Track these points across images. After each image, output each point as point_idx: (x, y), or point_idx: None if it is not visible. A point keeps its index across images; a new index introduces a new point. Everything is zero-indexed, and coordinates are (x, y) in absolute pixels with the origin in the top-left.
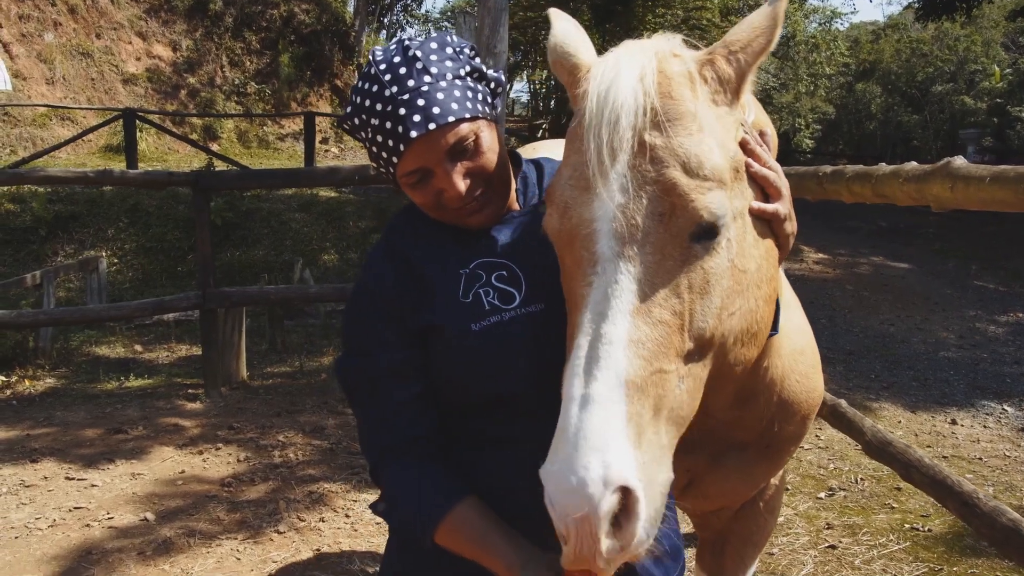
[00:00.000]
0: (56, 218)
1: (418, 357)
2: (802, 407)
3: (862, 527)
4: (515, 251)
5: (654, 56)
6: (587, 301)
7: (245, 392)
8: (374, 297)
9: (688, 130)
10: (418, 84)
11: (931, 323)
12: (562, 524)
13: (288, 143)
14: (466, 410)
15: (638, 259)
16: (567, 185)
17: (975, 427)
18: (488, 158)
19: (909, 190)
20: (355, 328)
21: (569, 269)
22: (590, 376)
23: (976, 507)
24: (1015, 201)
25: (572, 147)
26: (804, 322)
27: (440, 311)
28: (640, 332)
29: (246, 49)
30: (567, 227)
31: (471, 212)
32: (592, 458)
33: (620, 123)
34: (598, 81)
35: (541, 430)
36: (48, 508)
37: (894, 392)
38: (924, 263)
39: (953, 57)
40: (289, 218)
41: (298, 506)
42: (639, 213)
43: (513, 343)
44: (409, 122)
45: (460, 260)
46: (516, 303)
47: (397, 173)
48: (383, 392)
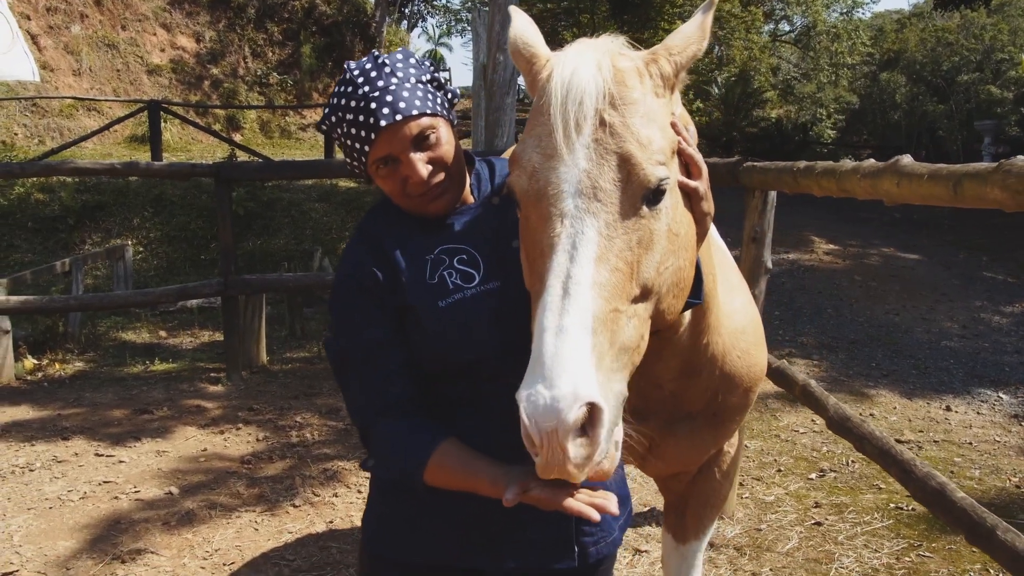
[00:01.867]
0: (84, 207)
1: (399, 330)
2: (744, 380)
3: (848, 506)
4: (472, 237)
5: (607, 52)
6: (556, 248)
7: (265, 376)
8: (357, 280)
9: (639, 113)
10: (387, 84)
11: (936, 313)
12: (536, 435)
13: (310, 133)
14: (439, 376)
15: (600, 216)
16: (534, 152)
17: (969, 414)
18: (446, 150)
19: (865, 185)
20: (342, 309)
21: (534, 223)
22: (563, 311)
23: (912, 473)
24: (947, 196)
25: (537, 121)
26: (749, 304)
27: (411, 292)
28: (601, 276)
29: (268, 40)
30: (535, 187)
31: (432, 198)
32: (564, 378)
33: (584, 103)
34: (561, 68)
35: (504, 391)
36: (79, 482)
37: (893, 380)
38: (935, 254)
39: (979, 46)
40: (309, 208)
41: (313, 482)
42: (601, 177)
43: (476, 316)
44: (379, 113)
45: (425, 247)
46: (476, 282)
47: (368, 161)
48: (372, 363)
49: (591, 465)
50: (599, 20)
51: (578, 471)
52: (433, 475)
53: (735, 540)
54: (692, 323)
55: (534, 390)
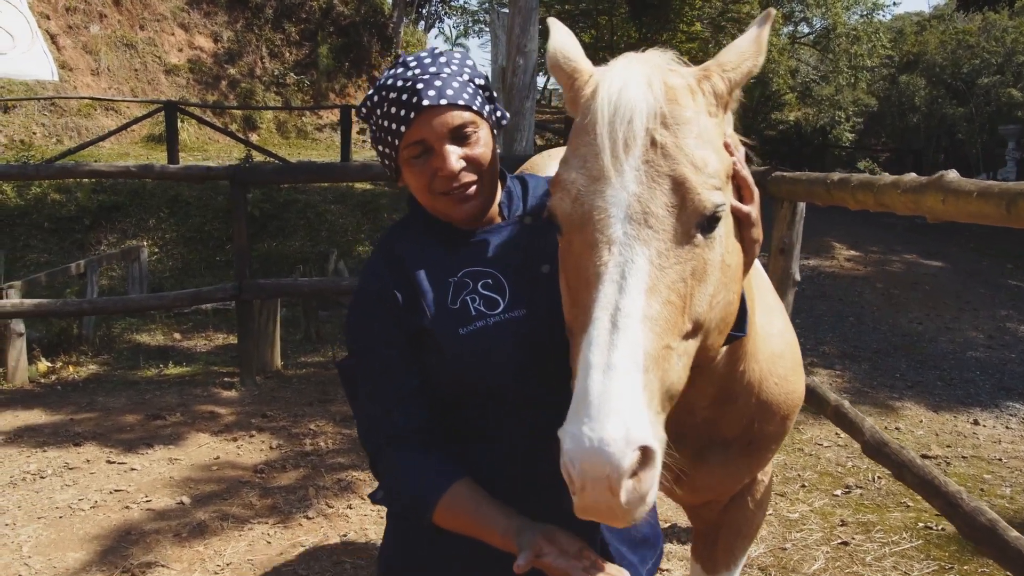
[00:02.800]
0: (100, 208)
1: (414, 353)
2: (781, 408)
3: (876, 524)
4: (499, 260)
5: (656, 67)
6: (603, 278)
7: (279, 381)
8: (376, 297)
9: (693, 133)
10: (439, 71)
11: (961, 322)
12: (578, 477)
13: (326, 133)
14: (454, 406)
15: (652, 244)
16: (578, 174)
17: (997, 428)
18: (483, 152)
19: (906, 201)
20: (358, 327)
21: (578, 250)
22: (612, 346)
23: (959, 507)
24: (997, 215)
25: (581, 140)
26: (786, 326)
27: (430, 316)
28: (653, 309)
29: (285, 40)
30: (579, 212)
31: (459, 199)
32: (614, 419)
33: (633, 121)
34: (608, 84)
35: (521, 424)
36: (90, 490)
37: (918, 391)
38: (958, 261)
39: (1000, 49)
40: (325, 210)
41: (327, 493)
42: (653, 202)
43: (497, 345)
44: (424, 94)
45: (449, 268)
46: (500, 309)
47: (402, 145)
48: (385, 385)
49: (638, 511)
50: (617, 22)
51: (627, 515)
52: (442, 517)
53: (759, 560)
54: (729, 349)
55: (579, 430)
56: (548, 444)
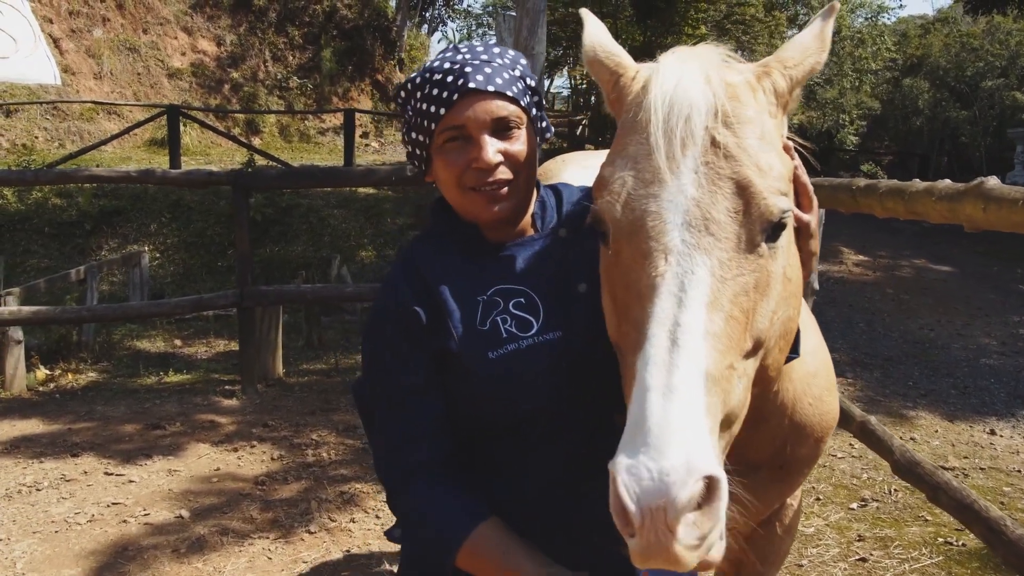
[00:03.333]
0: (101, 213)
1: (437, 377)
2: (815, 430)
3: (894, 540)
4: (533, 277)
5: (714, 62)
6: (659, 290)
7: (281, 389)
8: (396, 316)
9: (755, 134)
10: (490, 59)
11: (972, 328)
12: (637, 514)
13: (329, 137)
14: (479, 436)
15: (713, 253)
16: (628, 175)
17: (1015, 438)
18: (523, 151)
19: (942, 209)
20: (377, 348)
21: (628, 260)
22: (672, 366)
23: (1003, 534)
24: None
25: (629, 140)
26: (820, 343)
27: (457, 338)
28: (715, 325)
29: (289, 44)
30: (630, 218)
31: (492, 197)
32: (676, 447)
33: (692, 119)
34: (662, 79)
35: (553, 458)
36: (87, 503)
37: (932, 400)
38: (967, 266)
39: (1004, 52)
40: (328, 214)
41: (329, 506)
42: (714, 207)
43: (530, 371)
44: (472, 77)
45: (478, 285)
46: (534, 331)
47: (439, 128)
48: (406, 411)
49: (704, 549)
50: (622, 25)
51: (688, 555)
52: (466, 560)
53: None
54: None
55: (636, 460)
56: (583, 480)
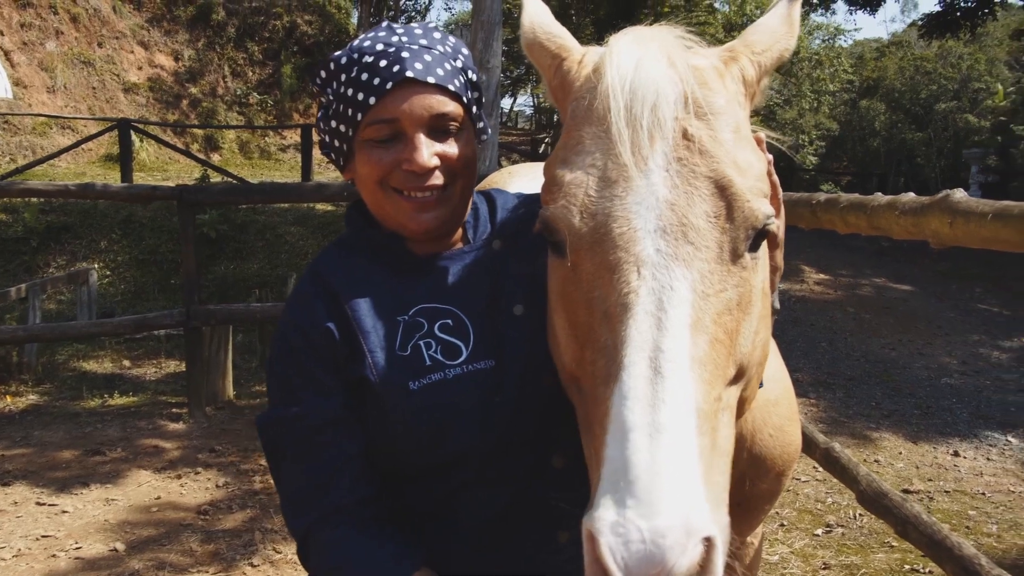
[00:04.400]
0: (48, 229)
1: (355, 407)
2: (776, 463)
3: (860, 567)
4: (462, 296)
5: (675, 44)
6: (633, 310)
7: (230, 412)
8: (307, 339)
9: (730, 126)
10: (431, 45)
11: (933, 348)
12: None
13: (290, 154)
14: (400, 479)
15: (694, 264)
16: (586, 174)
17: (978, 459)
18: (462, 154)
19: (906, 224)
20: (284, 374)
21: (590, 274)
22: (657, 401)
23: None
24: (1020, 241)
25: (585, 131)
26: (781, 368)
27: (373, 365)
28: (700, 351)
29: (248, 60)
30: (591, 224)
31: (420, 206)
32: (671, 503)
33: (660, 108)
34: (618, 62)
35: (486, 503)
36: (15, 536)
37: (895, 421)
38: (927, 285)
39: (956, 75)
40: (284, 231)
41: (275, 536)
42: (691, 211)
43: (456, 406)
44: (409, 64)
45: (398, 304)
46: (462, 358)
47: (366, 120)
48: (321, 446)
49: None
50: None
51: None
52: None
53: None
54: None
55: (623, 517)
56: (521, 529)
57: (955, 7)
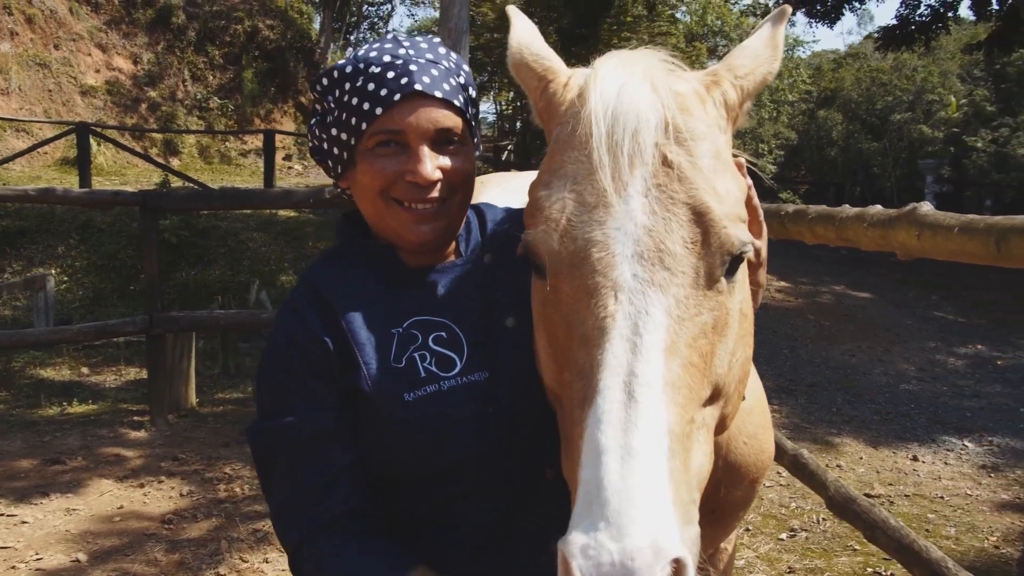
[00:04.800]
0: (4, 234)
1: (348, 417)
2: (751, 470)
3: (824, 571)
4: (455, 308)
5: (658, 68)
6: (609, 334)
7: (193, 420)
8: (301, 348)
9: (710, 152)
10: (436, 59)
11: (892, 355)
12: None
13: (251, 159)
14: (395, 489)
15: (670, 290)
16: (567, 199)
17: (936, 464)
18: (462, 169)
19: (874, 236)
20: (276, 384)
21: (569, 297)
22: (629, 424)
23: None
24: (985, 253)
25: (568, 156)
26: (755, 379)
27: (368, 376)
28: (673, 374)
29: (209, 64)
30: (570, 248)
31: (420, 217)
32: (640, 526)
33: (640, 134)
34: (602, 86)
35: (479, 513)
36: None
37: (855, 426)
38: (885, 292)
39: (911, 87)
40: (247, 237)
41: (241, 545)
42: (668, 237)
43: (451, 417)
44: (417, 77)
45: (393, 316)
46: (456, 370)
47: (371, 129)
48: (314, 457)
49: None
50: None
51: None
52: None
53: None
54: None
55: (594, 539)
56: (514, 540)
57: (910, 21)
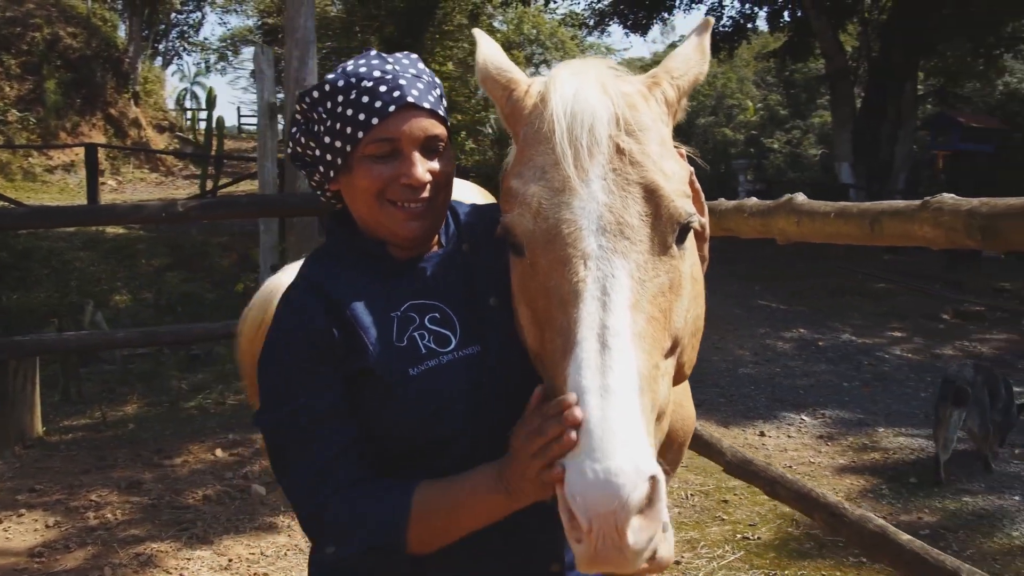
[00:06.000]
0: None
1: (348, 398)
2: (679, 435)
3: (699, 540)
4: (444, 291)
5: (607, 73)
6: (582, 295)
7: (43, 449)
8: (305, 338)
9: (656, 140)
10: (419, 74)
11: (727, 342)
12: (585, 519)
13: (58, 175)
14: (397, 459)
15: (631, 256)
16: (537, 186)
17: (781, 438)
18: (446, 170)
19: (755, 224)
20: (282, 374)
21: (545, 268)
22: (605, 368)
23: (844, 516)
24: (861, 235)
25: (534, 151)
26: None
27: (374, 356)
28: (639, 326)
29: (5, 74)
30: (543, 227)
31: (412, 215)
32: (621, 449)
33: (596, 128)
34: (560, 90)
35: None
36: None
37: (706, 409)
38: (712, 284)
39: (712, 92)
40: (73, 257)
41: (125, 571)
42: (626, 212)
43: (451, 387)
44: (408, 90)
45: (389, 302)
46: (452, 346)
47: (368, 138)
48: (320, 439)
49: (650, 549)
50: None
51: (637, 558)
52: (420, 524)
53: None
54: None
55: (582, 466)
56: None
57: (715, 32)
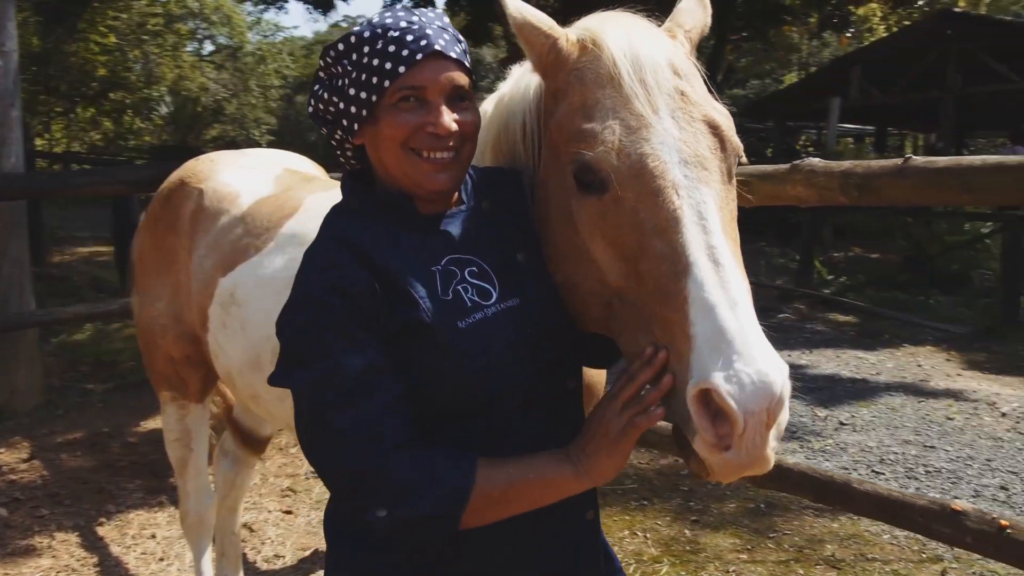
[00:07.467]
0: None
1: (391, 356)
2: (595, 389)
3: None
4: (476, 246)
5: (644, 23)
6: (682, 221)
7: None
8: (346, 296)
9: (701, 85)
10: (444, 26)
11: None
12: (742, 419)
13: None
14: (451, 416)
15: (712, 184)
16: (614, 125)
17: None
18: (472, 121)
19: None
20: (320, 329)
21: (634, 201)
22: (724, 282)
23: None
24: None
25: (601, 93)
26: None
27: (425, 310)
28: (731, 248)
29: None
30: (627, 162)
31: (440, 165)
32: (762, 351)
33: (659, 70)
34: (614, 37)
35: (524, 435)
36: None
37: None
38: None
39: None
40: None
41: None
42: (699, 145)
43: (499, 339)
44: (435, 40)
45: (427, 257)
46: (494, 299)
47: (395, 85)
48: (365, 396)
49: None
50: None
51: (772, 458)
52: (480, 498)
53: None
54: None
55: (733, 370)
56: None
57: None
